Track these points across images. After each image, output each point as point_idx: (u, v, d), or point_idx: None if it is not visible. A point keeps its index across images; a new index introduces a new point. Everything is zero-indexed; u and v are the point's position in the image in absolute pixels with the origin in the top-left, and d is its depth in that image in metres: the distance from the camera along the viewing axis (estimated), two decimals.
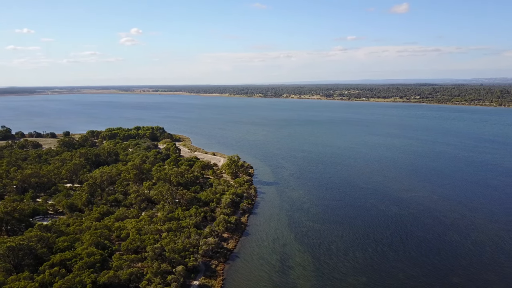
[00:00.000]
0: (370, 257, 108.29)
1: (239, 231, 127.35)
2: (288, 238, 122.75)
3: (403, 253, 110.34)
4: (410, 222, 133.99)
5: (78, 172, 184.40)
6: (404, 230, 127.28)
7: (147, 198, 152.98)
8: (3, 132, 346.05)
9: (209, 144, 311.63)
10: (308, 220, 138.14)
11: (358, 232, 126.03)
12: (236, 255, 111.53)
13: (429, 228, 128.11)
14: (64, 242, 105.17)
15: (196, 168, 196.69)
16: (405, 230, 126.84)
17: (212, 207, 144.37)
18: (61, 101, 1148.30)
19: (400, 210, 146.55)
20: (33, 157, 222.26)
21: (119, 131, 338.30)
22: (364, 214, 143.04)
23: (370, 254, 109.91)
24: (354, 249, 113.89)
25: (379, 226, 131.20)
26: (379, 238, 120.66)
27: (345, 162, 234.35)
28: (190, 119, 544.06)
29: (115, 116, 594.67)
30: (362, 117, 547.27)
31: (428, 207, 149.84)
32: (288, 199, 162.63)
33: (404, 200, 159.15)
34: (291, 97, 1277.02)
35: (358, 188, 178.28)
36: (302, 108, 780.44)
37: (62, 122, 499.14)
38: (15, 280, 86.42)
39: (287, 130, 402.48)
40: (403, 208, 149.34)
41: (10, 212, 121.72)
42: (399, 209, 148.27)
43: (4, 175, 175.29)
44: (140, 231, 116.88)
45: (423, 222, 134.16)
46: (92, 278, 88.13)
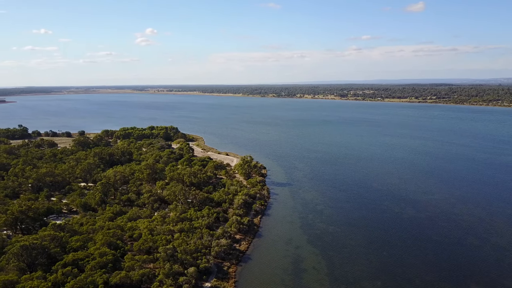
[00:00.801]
0: (385, 261, 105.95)
1: (252, 232, 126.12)
2: (302, 240, 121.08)
3: (420, 257, 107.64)
4: (426, 226, 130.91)
5: (92, 171, 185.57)
6: (420, 233, 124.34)
7: (160, 198, 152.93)
8: (20, 131, 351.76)
9: (222, 144, 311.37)
10: (321, 222, 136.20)
11: (373, 235, 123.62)
12: (249, 257, 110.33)
13: (446, 232, 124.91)
14: (77, 242, 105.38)
15: (209, 168, 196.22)
16: (422, 234, 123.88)
17: (225, 208, 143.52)
18: (77, 101, 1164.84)
19: (416, 213, 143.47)
20: (48, 156, 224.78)
21: (133, 131, 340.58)
22: (378, 217, 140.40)
23: (385, 258, 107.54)
24: (369, 252, 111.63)
25: (394, 229, 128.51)
26: (395, 242, 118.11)
27: (359, 163, 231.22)
28: (203, 119, 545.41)
29: (130, 116, 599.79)
30: (377, 118, 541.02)
31: (445, 210, 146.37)
32: (301, 200, 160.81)
33: (420, 202, 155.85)
34: (305, 97, 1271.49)
35: (372, 189, 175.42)
36: (316, 108, 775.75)
37: (77, 122, 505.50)
38: (28, 279, 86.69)
39: (300, 131, 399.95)
40: (419, 210, 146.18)
41: (25, 211, 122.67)
42: (415, 211, 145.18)
43: (20, 173, 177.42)
44: (152, 231, 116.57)
45: (440, 225, 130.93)
46: (104, 278, 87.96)
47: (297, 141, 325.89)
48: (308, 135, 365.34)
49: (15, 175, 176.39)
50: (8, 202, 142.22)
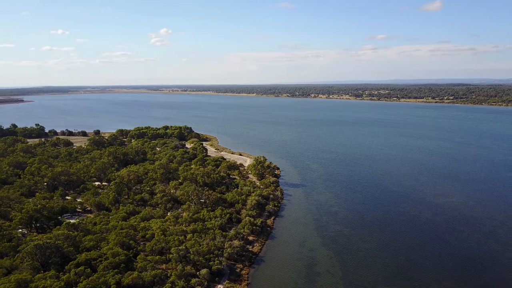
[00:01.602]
0: (402, 265, 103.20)
1: (265, 234, 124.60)
2: (316, 242, 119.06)
3: (438, 262, 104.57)
4: (444, 229, 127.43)
5: (107, 170, 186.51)
6: (438, 237, 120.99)
7: (173, 198, 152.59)
8: (37, 130, 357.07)
9: (235, 144, 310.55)
10: (336, 224, 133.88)
11: (389, 238, 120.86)
12: (262, 259, 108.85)
13: (465, 236, 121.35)
14: (90, 241, 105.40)
15: (222, 169, 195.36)
16: (440, 238, 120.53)
17: (238, 209, 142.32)
18: (93, 100, 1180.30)
19: (433, 216, 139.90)
20: (64, 155, 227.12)
21: (147, 130, 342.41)
22: (395, 219, 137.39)
23: (402, 262, 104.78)
24: (385, 256, 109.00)
25: (411, 232, 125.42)
26: (412, 246, 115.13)
27: (374, 164, 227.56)
28: (217, 118, 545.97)
29: (144, 115, 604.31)
30: (393, 118, 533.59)
31: (463, 213, 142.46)
32: (315, 202, 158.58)
33: (437, 205, 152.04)
34: (319, 97, 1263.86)
35: (388, 191, 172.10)
36: (330, 108, 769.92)
37: (93, 121, 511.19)
38: (42, 278, 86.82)
39: (314, 131, 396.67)
40: (436, 214, 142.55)
41: (40, 209, 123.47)
42: (433, 215, 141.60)
43: (36, 172, 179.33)
44: (165, 231, 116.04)
45: (459, 229, 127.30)
46: (117, 279, 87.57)
47: (311, 141, 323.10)
48: (322, 135, 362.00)
49: (31, 174, 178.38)
50: (24, 200, 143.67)
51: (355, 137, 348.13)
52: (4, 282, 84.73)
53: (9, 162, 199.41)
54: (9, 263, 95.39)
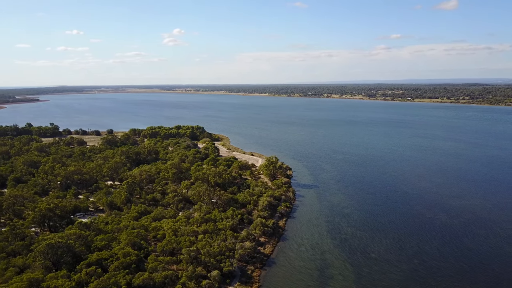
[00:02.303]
0: (417, 269, 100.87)
1: (277, 235, 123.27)
2: (328, 245, 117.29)
3: (454, 266, 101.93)
4: (460, 233, 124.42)
5: (119, 170, 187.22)
6: (454, 241, 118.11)
7: (184, 198, 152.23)
8: (51, 129, 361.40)
9: (247, 143, 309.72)
10: (349, 226, 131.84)
11: (403, 241, 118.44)
12: (273, 261, 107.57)
13: (483, 240, 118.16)
14: (102, 241, 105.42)
15: (234, 169, 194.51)
16: (456, 241, 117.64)
17: (249, 209, 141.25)
18: (106, 100, 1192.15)
19: (449, 219, 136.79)
20: (77, 155, 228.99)
21: (160, 130, 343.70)
22: (409, 222, 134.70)
23: (417, 266, 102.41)
24: (399, 259, 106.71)
25: (426, 235, 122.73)
26: (427, 249, 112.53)
27: (388, 165, 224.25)
28: (229, 118, 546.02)
29: (157, 115, 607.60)
30: (406, 118, 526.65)
31: (480, 216, 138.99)
32: (328, 203, 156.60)
33: (453, 208, 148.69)
34: (332, 97, 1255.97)
35: (402, 193, 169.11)
36: (343, 108, 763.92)
37: (106, 120, 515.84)
38: (53, 278, 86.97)
39: (327, 131, 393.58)
40: (452, 216, 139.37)
41: (53, 208, 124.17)
42: (448, 217, 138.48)
43: (50, 171, 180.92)
44: (176, 232, 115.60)
45: (476, 233, 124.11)
46: (127, 279, 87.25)
47: (324, 141, 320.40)
48: (335, 135, 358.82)
49: (44, 173, 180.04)
50: (37, 199, 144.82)
51: (368, 137, 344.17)
52: (17, 281, 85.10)
53: (24, 161, 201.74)
54: (21, 262, 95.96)
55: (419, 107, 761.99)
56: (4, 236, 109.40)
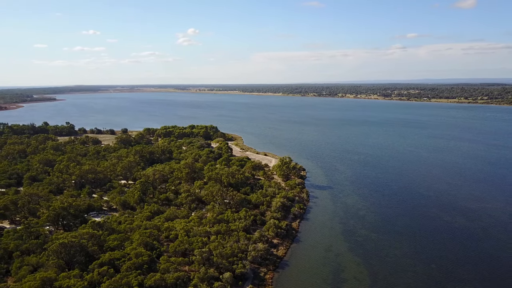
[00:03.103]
0: (434, 274, 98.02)
1: (290, 237, 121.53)
2: (342, 247, 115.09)
3: (473, 272, 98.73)
4: (480, 237, 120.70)
5: (133, 169, 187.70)
6: (473, 245, 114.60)
7: (197, 198, 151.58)
8: (67, 128, 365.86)
9: (260, 143, 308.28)
10: (363, 228, 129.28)
11: (420, 245, 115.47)
12: (286, 263, 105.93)
13: (504, 245, 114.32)
14: (115, 241, 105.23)
15: (247, 169, 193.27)
16: (475, 246, 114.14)
17: (262, 210, 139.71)
18: (122, 99, 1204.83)
19: (468, 223, 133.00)
20: (92, 153, 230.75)
21: (174, 129, 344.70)
22: (426, 225, 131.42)
23: (434, 271, 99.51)
24: (416, 263, 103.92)
25: (444, 239, 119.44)
26: (444, 253, 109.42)
27: (404, 167, 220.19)
28: (242, 118, 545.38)
29: (171, 114, 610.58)
30: (423, 119, 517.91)
31: (501, 220, 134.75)
32: (342, 204, 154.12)
33: (472, 211, 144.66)
34: (347, 97, 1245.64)
35: (419, 195, 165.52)
36: (358, 108, 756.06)
37: (121, 119, 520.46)
38: (66, 277, 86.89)
39: (341, 131, 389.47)
40: (471, 220, 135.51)
41: (67, 207, 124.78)
42: (467, 221, 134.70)
43: (64, 170, 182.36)
44: (188, 232, 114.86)
45: (496, 237, 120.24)
46: (139, 280, 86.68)
47: (338, 142, 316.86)
48: (350, 136, 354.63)
49: (59, 171, 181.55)
50: (52, 198, 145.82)
51: (383, 138, 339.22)
52: (30, 279, 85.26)
53: (40, 159, 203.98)
54: (35, 260, 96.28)
55: (435, 107, 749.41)
56: (19, 234, 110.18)
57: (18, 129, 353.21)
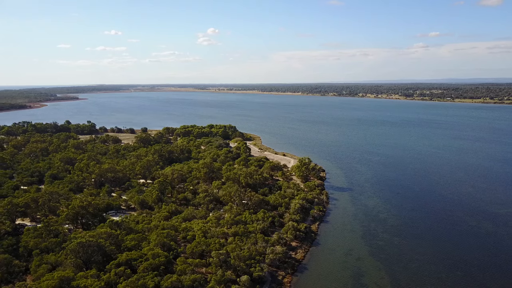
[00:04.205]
0: (460, 281, 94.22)
1: (309, 240, 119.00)
2: (363, 251, 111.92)
3: (501, 280, 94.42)
4: (508, 243, 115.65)
5: (151, 168, 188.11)
6: (501, 252, 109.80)
7: (215, 198, 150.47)
8: (88, 127, 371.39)
9: (279, 143, 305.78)
10: (385, 232, 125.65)
11: (444, 250, 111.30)
12: (305, 267, 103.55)
13: None
14: (132, 241, 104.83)
15: (265, 169, 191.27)
16: (503, 253, 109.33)
17: (281, 212, 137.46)
18: (142, 98, 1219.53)
19: (495, 228, 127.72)
20: (112, 152, 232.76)
21: (193, 129, 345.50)
22: (450, 229, 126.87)
23: (460, 278, 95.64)
24: (440, 270, 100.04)
25: (469, 244, 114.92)
26: (470, 260, 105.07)
27: (426, 168, 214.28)
28: (261, 117, 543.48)
29: (190, 114, 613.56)
30: (446, 119, 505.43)
31: None
32: (363, 207, 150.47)
33: (499, 216, 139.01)
34: (368, 97, 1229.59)
35: (442, 198, 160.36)
36: (379, 108, 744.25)
37: (141, 118, 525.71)
38: (83, 277, 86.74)
39: (362, 132, 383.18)
40: (498, 225, 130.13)
41: (86, 206, 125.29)
42: (494, 226, 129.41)
43: (85, 168, 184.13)
44: (206, 233, 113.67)
45: None
46: (155, 281, 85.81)
47: (358, 142, 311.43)
48: (370, 136, 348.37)
49: (80, 170, 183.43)
50: (72, 196, 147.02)
51: (405, 139, 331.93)
52: (48, 278, 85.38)
53: (61, 157, 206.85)
54: (54, 259, 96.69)
55: (459, 108, 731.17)
56: (38, 232, 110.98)
57: (41, 128, 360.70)
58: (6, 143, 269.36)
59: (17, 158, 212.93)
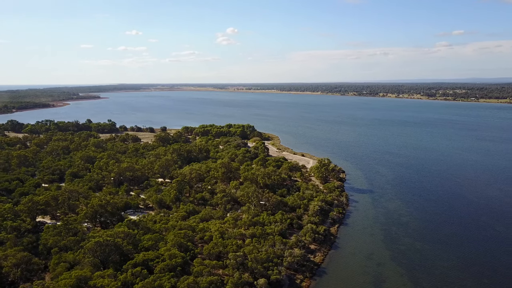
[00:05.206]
0: None
1: (328, 243, 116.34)
2: (384, 256, 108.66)
3: None
4: None
5: (170, 167, 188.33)
6: None
7: (233, 199, 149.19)
8: (109, 126, 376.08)
9: (297, 143, 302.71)
10: (407, 236, 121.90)
11: (470, 257, 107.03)
12: (324, 271, 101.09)
13: None
14: (149, 241, 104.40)
15: (284, 170, 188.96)
16: None
17: (299, 214, 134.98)
18: (162, 98, 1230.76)
19: None
20: (131, 151, 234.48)
21: (211, 128, 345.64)
22: (476, 235, 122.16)
23: (487, 287, 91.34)
24: (465, 277, 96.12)
25: (497, 252, 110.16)
26: (499, 268, 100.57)
27: (450, 170, 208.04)
28: (280, 117, 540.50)
29: (209, 113, 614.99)
30: (470, 120, 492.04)
31: None
32: (384, 210, 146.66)
33: None
34: (388, 96, 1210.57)
35: (467, 201, 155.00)
36: (400, 108, 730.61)
37: (161, 117, 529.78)
38: (100, 276, 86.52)
39: (383, 132, 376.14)
40: None
41: (104, 205, 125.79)
42: None
43: (104, 167, 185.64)
44: (223, 234, 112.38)
45: None
46: (172, 282, 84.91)
47: (379, 143, 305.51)
48: (391, 137, 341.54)
49: (99, 168, 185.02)
50: (91, 194, 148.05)
51: (427, 139, 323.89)
52: (66, 277, 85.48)
53: (81, 156, 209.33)
54: (72, 257, 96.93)
55: (484, 108, 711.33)
56: (58, 230, 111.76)
57: (63, 126, 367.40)
58: (29, 141, 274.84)
59: (39, 156, 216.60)
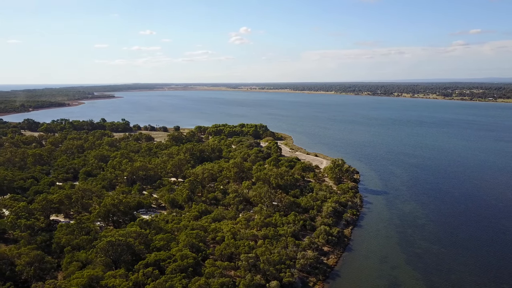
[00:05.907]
0: None
1: (342, 245, 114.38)
2: (399, 259, 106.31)
3: None
4: None
5: (183, 167, 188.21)
6: None
7: (245, 199, 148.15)
8: (122, 125, 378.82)
9: (311, 143, 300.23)
10: (423, 239, 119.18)
11: (489, 261, 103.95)
12: (337, 274, 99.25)
13: None
14: (161, 241, 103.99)
15: (297, 170, 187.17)
16: None
17: (312, 215, 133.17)
18: (175, 97, 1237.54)
19: None
20: (144, 150, 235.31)
21: (224, 128, 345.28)
22: (495, 238, 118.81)
23: None
24: (484, 283, 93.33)
25: None
26: None
27: (467, 172, 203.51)
28: (292, 117, 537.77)
29: (222, 113, 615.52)
30: (488, 120, 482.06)
31: None
32: (399, 212, 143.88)
33: None
34: (403, 96, 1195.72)
35: (485, 204, 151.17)
36: (415, 108, 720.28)
37: (174, 116, 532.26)
38: (112, 276, 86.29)
39: (397, 132, 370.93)
40: None
41: (117, 204, 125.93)
42: None
43: (117, 166, 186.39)
44: (235, 235, 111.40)
45: None
46: (183, 283, 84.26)
47: (394, 143, 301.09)
48: (406, 137, 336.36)
49: (113, 167, 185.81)
50: (104, 193, 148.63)
51: (443, 140, 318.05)
52: (78, 276, 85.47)
53: (95, 155, 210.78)
54: (84, 256, 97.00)
55: (503, 108, 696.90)
56: (71, 229, 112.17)
57: (78, 125, 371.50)
58: (44, 140, 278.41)
59: (54, 155, 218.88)
